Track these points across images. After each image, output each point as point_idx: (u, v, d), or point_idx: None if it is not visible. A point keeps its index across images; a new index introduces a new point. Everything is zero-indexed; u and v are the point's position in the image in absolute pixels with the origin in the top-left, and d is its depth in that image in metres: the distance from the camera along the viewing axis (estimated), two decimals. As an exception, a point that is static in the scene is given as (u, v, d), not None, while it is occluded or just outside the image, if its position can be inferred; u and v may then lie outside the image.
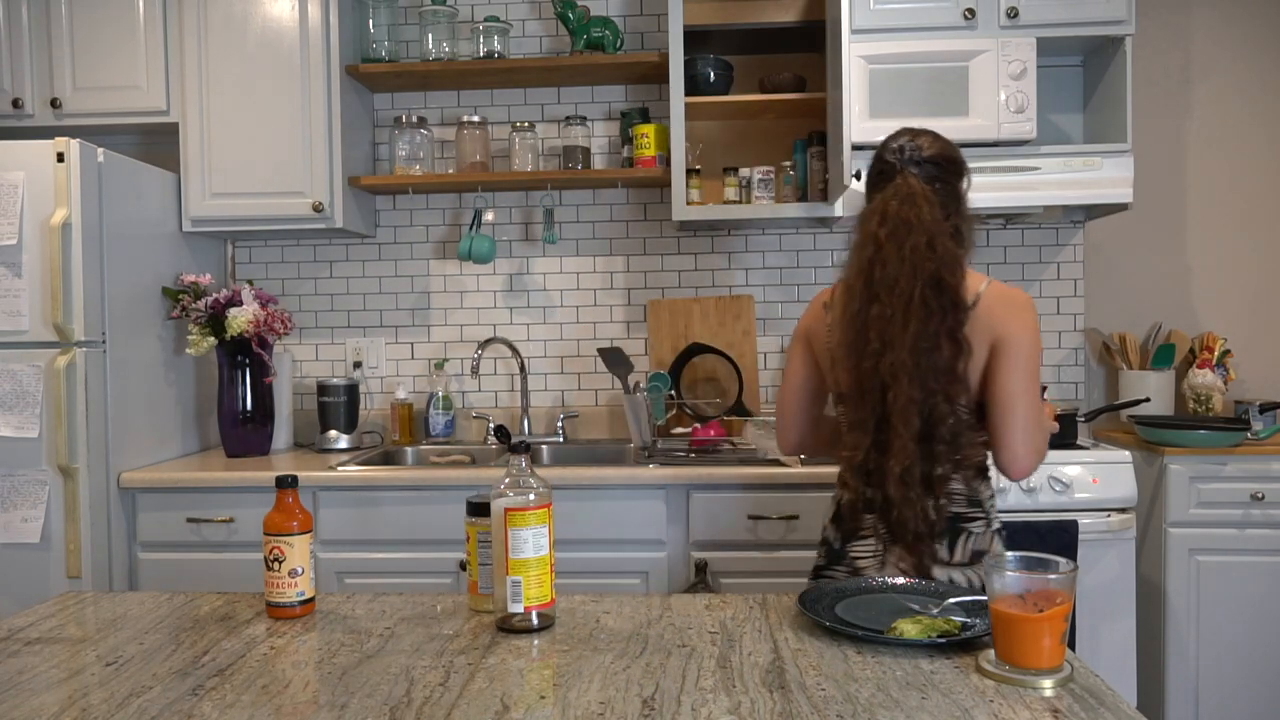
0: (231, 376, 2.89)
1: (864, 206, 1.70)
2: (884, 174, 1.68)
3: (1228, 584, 2.60)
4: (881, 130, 2.60)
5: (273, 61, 2.88)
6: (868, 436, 1.60)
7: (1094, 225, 3.10)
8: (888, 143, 1.72)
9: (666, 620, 1.39)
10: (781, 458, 2.54)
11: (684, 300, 3.12)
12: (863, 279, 1.61)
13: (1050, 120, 3.01)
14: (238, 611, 1.47)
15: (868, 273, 1.60)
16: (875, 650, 1.24)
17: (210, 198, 2.91)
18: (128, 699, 1.13)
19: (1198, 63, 3.12)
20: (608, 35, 2.99)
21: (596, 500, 2.52)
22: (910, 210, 1.60)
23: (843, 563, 1.69)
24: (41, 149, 2.47)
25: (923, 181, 1.64)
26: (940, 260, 1.57)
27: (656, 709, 1.07)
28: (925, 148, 1.68)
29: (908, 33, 2.65)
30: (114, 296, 2.61)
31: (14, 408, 2.47)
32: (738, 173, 3.00)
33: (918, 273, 1.56)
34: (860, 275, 1.61)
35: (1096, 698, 1.08)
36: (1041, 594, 1.13)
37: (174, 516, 2.60)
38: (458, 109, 3.21)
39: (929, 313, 1.56)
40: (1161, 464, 2.63)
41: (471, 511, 1.44)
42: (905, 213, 1.60)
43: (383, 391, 3.25)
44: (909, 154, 1.67)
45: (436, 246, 3.25)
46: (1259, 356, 3.12)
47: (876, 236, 1.60)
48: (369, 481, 2.56)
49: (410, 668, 1.21)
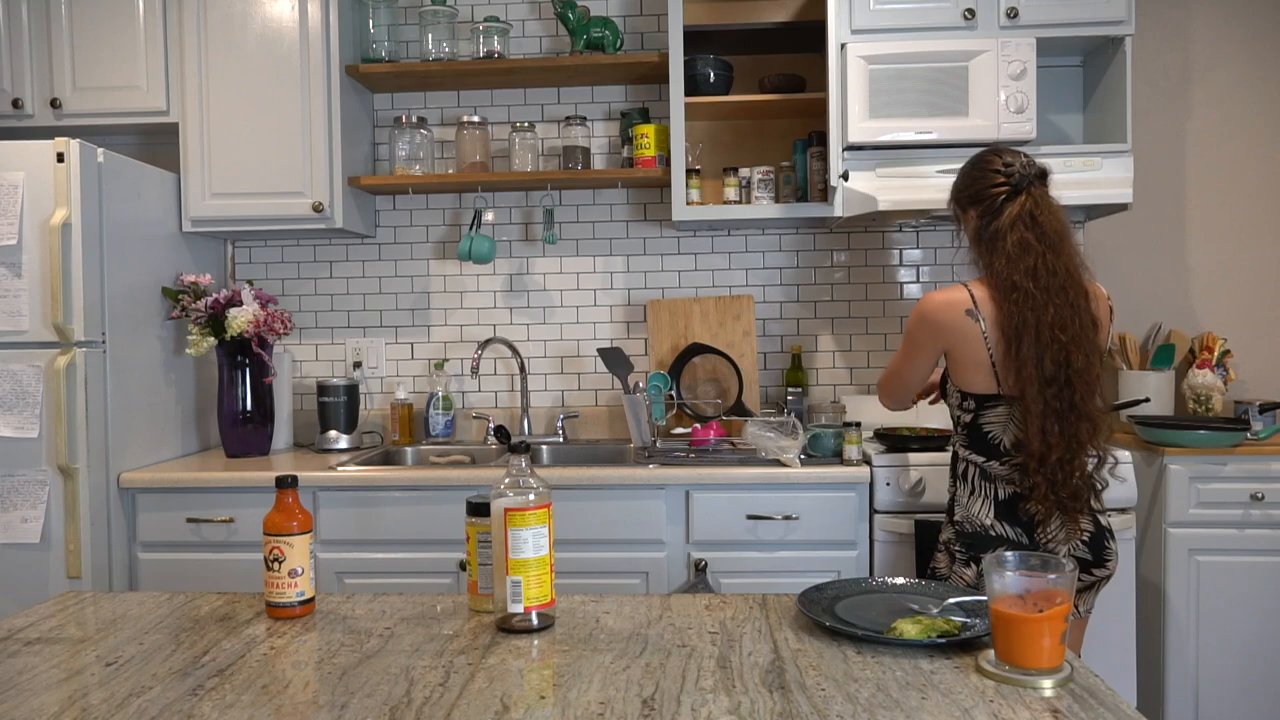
0: (231, 377, 2.89)
1: (990, 220, 1.89)
2: (1015, 189, 1.87)
3: (1228, 584, 2.60)
4: (881, 130, 2.66)
5: (273, 61, 2.88)
6: (1057, 424, 1.79)
7: (1094, 225, 3.10)
8: (995, 161, 1.91)
9: (666, 620, 1.39)
10: (782, 458, 2.54)
11: (684, 300, 3.12)
12: (1033, 282, 1.81)
13: (1050, 120, 3.01)
14: (238, 611, 1.47)
15: (1035, 278, 1.81)
16: (875, 650, 1.24)
17: (210, 198, 2.91)
18: (128, 699, 1.13)
19: (1198, 62, 3.12)
20: (608, 35, 2.99)
21: (596, 500, 2.52)
22: (1057, 221, 1.85)
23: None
24: (41, 149, 2.47)
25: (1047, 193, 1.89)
26: (1082, 265, 1.86)
27: (656, 709, 1.07)
28: (1037, 163, 1.90)
29: (907, 33, 2.66)
30: (114, 296, 2.61)
31: (14, 408, 2.47)
32: (738, 173, 3.00)
33: (1073, 276, 1.83)
34: (1030, 279, 1.81)
35: (1096, 698, 1.08)
36: (1041, 594, 1.13)
37: (174, 516, 2.60)
38: (458, 109, 3.21)
39: (1083, 312, 1.82)
40: (1161, 464, 2.63)
41: (471, 511, 1.44)
42: (1055, 224, 1.84)
43: (383, 392, 3.25)
44: (1032, 169, 1.88)
45: (436, 246, 3.25)
46: (1259, 356, 3.12)
47: (1035, 246, 1.82)
48: (369, 481, 2.56)
49: (410, 668, 1.21)
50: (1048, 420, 1.80)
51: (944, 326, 1.91)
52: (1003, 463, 1.90)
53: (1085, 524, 1.87)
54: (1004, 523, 1.89)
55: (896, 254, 3.15)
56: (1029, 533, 1.88)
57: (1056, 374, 1.80)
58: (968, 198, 1.95)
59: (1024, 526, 1.88)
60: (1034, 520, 1.87)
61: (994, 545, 1.88)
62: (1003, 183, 1.88)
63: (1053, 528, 1.86)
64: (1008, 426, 1.89)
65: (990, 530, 1.90)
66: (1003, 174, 1.88)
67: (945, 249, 3.12)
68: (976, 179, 1.93)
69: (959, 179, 1.99)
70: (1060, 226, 1.85)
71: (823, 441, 2.63)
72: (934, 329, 1.93)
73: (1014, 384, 1.83)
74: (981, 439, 1.93)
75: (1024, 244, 1.82)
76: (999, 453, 1.90)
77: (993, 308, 1.86)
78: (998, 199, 1.88)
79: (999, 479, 1.91)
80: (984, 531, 1.90)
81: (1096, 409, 1.83)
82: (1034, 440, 1.81)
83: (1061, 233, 1.85)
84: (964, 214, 1.97)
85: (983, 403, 1.92)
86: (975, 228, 1.93)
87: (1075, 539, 1.87)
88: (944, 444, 2.55)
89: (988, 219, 1.89)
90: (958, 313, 1.89)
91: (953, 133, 2.62)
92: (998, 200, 1.88)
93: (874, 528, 2.48)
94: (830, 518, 2.49)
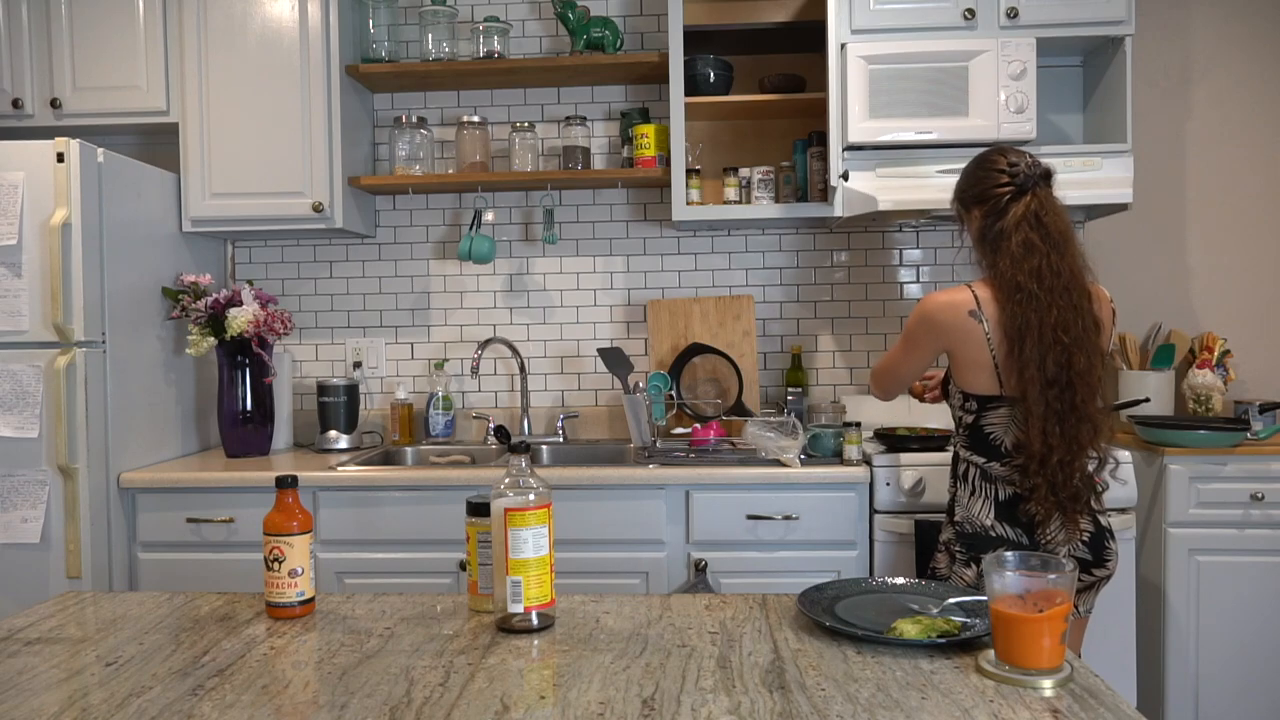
0: (231, 377, 2.89)
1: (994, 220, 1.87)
2: (1020, 189, 1.86)
3: (1228, 584, 2.60)
4: (881, 130, 2.66)
5: (272, 61, 2.88)
6: (1058, 426, 1.79)
7: (1094, 225, 3.10)
8: (1000, 161, 1.89)
9: (666, 620, 1.39)
10: (782, 458, 2.54)
11: (684, 300, 3.11)
12: (1037, 283, 1.80)
13: (1050, 120, 3.01)
14: (238, 611, 1.47)
15: (1039, 279, 1.80)
16: (875, 650, 1.24)
17: (210, 198, 2.91)
18: (128, 699, 1.13)
19: (1198, 62, 3.12)
20: (608, 35, 2.99)
21: (596, 500, 2.52)
22: (1061, 222, 1.84)
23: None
24: (41, 149, 2.47)
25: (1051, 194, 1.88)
26: (1085, 266, 1.86)
27: (656, 709, 1.07)
28: (1041, 163, 1.89)
29: (907, 33, 2.66)
30: (114, 296, 2.61)
31: (14, 408, 2.47)
32: (738, 173, 3.00)
33: (1077, 278, 1.82)
34: (1034, 280, 1.80)
35: (1096, 698, 1.08)
36: (1041, 594, 1.13)
37: (174, 516, 2.60)
38: (458, 109, 3.21)
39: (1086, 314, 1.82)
40: (1161, 464, 2.63)
41: (471, 512, 1.44)
42: (1060, 225, 1.84)
43: (383, 392, 3.25)
44: (1038, 169, 1.87)
45: (436, 246, 3.25)
46: (1259, 356, 3.12)
47: (1040, 247, 1.81)
48: (369, 482, 2.56)
49: (410, 668, 1.21)
50: (1049, 422, 1.80)
51: (946, 327, 1.91)
52: (1003, 464, 1.90)
53: (1085, 524, 1.87)
54: (1004, 523, 1.90)
55: (896, 254, 3.15)
56: (1029, 533, 1.88)
57: (1058, 375, 1.80)
58: (972, 197, 1.94)
59: (1024, 527, 1.88)
60: (1034, 521, 1.87)
61: (994, 546, 1.88)
62: (1007, 183, 1.87)
63: (1053, 528, 1.86)
64: (1009, 428, 1.89)
65: (990, 531, 1.90)
66: (1007, 174, 1.87)
67: (945, 249, 3.12)
68: (981, 179, 1.92)
69: (963, 179, 1.99)
70: (1065, 227, 1.85)
71: (823, 441, 2.63)
72: (936, 330, 1.93)
73: (1016, 384, 1.84)
74: (983, 440, 1.93)
75: (1028, 244, 1.82)
76: (1000, 454, 1.91)
77: (995, 309, 1.86)
78: (1002, 199, 1.87)
79: (999, 480, 1.91)
80: (984, 532, 1.91)
81: (1097, 411, 1.83)
82: (1035, 441, 1.81)
83: (1066, 234, 1.85)
84: (967, 214, 1.97)
85: (985, 404, 1.92)
86: (979, 228, 1.93)
87: (1075, 539, 1.87)
88: (944, 444, 2.55)
89: (992, 219, 1.88)
90: (960, 314, 1.89)
91: (953, 133, 2.62)
92: (1002, 200, 1.87)
93: (874, 528, 2.48)
94: (830, 518, 2.49)
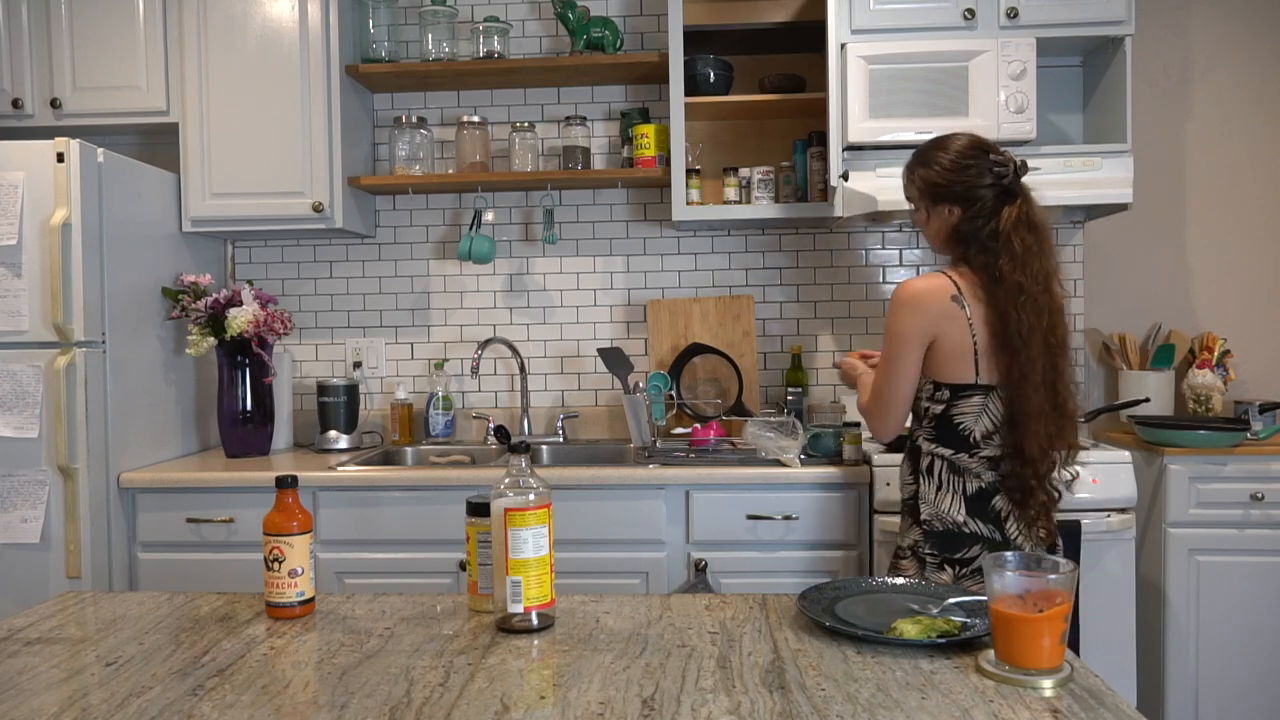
0: (231, 377, 2.89)
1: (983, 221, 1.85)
2: (1008, 190, 1.85)
3: (1227, 584, 2.60)
4: (881, 130, 2.66)
5: (272, 62, 2.88)
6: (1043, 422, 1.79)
7: (1094, 225, 3.10)
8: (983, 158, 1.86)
9: (666, 620, 1.39)
10: (782, 458, 2.54)
11: (684, 300, 3.12)
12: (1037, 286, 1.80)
13: (1050, 120, 3.01)
14: (238, 612, 1.47)
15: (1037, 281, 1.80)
16: (875, 650, 1.24)
17: (210, 198, 2.91)
18: (128, 699, 1.13)
19: (1198, 62, 3.12)
20: (608, 35, 2.99)
21: (596, 500, 2.52)
22: (1046, 223, 1.86)
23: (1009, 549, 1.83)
24: (41, 149, 2.47)
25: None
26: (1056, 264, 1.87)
27: (656, 709, 1.07)
28: (1017, 158, 1.88)
29: (907, 33, 2.66)
30: (114, 297, 2.61)
31: (14, 408, 2.47)
32: (738, 173, 3.00)
33: (1054, 277, 1.83)
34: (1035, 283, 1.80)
35: (1096, 698, 1.08)
36: (1041, 594, 1.13)
37: (174, 516, 2.60)
38: (458, 109, 3.21)
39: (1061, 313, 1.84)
40: (1161, 464, 2.63)
41: (471, 512, 1.44)
42: (1046, 226, 1.86)
43: (383, 392, 3.25)
44: (1024, 168, 1.87)
45: (436, 247, 3.25)
46: (1259, 356, 3.12)
47: (1035, 249, 1.82)
48: (369, 482, 2.56)
49: (410, 668, 1.21)
50: (1047, 424, 1.79)
51: (933, 312, 1.84)
52: (972, 455, 1.86)
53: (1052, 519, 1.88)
54: (976, 519, 1.85)
55: (896, 254, 3.15)
56: (1000, 528, 1.85)
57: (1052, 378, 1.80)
58: (950, 195, 1.87)
59: (994, 522, 1.85)
60: (1003, 516, 1.85)
61: (967, 543, 1.85)
62: (991, 183, 1.84)
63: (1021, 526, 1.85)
64: (980, 417, 1.85)
65: (963, 527, 1.85)
66: (994, 174, 1.83)
67: (945, 249, 3.12)
68: (963, 177, 1.86)
69: (935, 172, 1.89)
70: (1047, 226, 1.86)
71: (822, 441, 2.63)
72: (922, 315, 1.85)
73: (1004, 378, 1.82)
74: (951, 431, 1.87)
75: (1026, 247, 1.81)
76: (969, 444, 1.86)
77: (977, 301, 1.83)
78: (989, 200, 1.84)
79: (968, 472, 1.86)
80: (956, 529, 1.86)
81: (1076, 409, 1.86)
82: (1032, 445, 1.79)
83: (1048, 233, 1.87)
84: (934, 208, 1.91)
85: (958, 392, 1.86)
86: (953, 224, 1.88)
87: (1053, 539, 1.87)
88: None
89: (980, 220, 1.84)
90: (944, 298, 1.84)
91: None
92: (989, 200, 1.84)
93: (874, 528, 2.48)
94: (830, 518, 2.49)
